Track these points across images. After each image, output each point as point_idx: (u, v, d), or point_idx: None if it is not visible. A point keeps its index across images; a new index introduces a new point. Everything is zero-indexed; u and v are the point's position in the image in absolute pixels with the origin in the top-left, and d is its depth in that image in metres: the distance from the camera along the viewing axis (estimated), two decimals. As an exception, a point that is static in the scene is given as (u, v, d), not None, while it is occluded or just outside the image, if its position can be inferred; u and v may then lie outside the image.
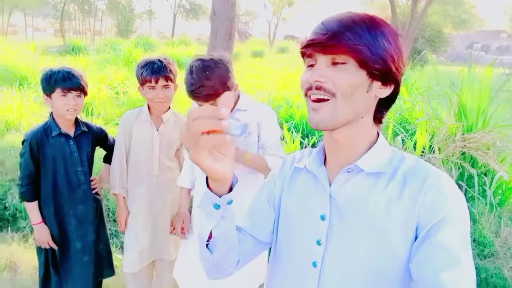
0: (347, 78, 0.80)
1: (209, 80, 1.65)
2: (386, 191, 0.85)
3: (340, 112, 0.81)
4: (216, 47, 4.06)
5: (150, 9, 42.25)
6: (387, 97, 0.86)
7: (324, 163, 0.95)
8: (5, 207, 3.66)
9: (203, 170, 0.74)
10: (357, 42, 0.78)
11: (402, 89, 5.41)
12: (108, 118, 5.77)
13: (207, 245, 0.91)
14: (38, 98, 5.87)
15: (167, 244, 2.24)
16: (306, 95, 0.85)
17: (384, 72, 0.82)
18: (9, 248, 3.03)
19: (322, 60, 0.81)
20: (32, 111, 5.49)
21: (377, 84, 0.83)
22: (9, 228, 3.38)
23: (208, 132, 0.65)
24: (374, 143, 0.90)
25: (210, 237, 0.90)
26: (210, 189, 0.82)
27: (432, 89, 6.33)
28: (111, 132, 2.24)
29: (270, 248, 1.07)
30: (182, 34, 31.21)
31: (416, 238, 0.81)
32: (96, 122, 5.16)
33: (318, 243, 0.90)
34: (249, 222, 1.05)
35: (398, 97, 0.92)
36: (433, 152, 3.87)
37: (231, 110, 1.89)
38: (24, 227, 3.41)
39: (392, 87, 0.85)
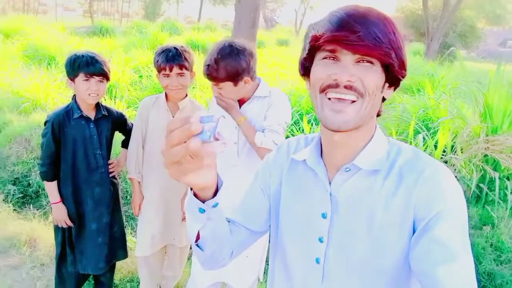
0: (375, 79, 0.80)
1: (220, 63, 1.75)
2: (383, 187, 0.85)
3: (363, 114, 0.81)
4: (240, 35, 4.05)
5: (178, -7, 42.39)
6: None
7: (322, 155, 0.95)
8: (29, 184, 3.79)
9: (191, 185, 0.75)
10: (388, 46, 0.77)
11: (426, 85, 5.27)
12: (130, 102, 5.83)
13: (197, 244, 0.92)
14: (64, 78, 5.97)
15: (179, 230, 2.29)
16: (323, 91, 0.81)
17: (400, 75, 0.83)
18: (29, 224, 3.13)
19: (348, 58, 0.79)
20: (58, 91, 5.60)
21: (386, 85, 0.84)
22: (31, 205, 3.49)
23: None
24: (372, 138, 0.89)
25: (198, 237, 0.91)
26: (194, 194, 0.82)
27: (459, 87, 6.17)
28: (133, 116, 2.28)
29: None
30: (208, 20, 31.16)
31: (414, 231, 0.81)
32: (118, 105, 5.24)
33: (320, 240, 0.91)
34: (243, 214, 1.05)
35: (422, 93, 0.91)
36: (455, 153, 3.79)
37: (250, 97, 1.93)
38: (45, 205, 3.52)
39: (394, 87, 0.86)
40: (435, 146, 4.02)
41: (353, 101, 0.79)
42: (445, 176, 0.81)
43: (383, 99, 0.87)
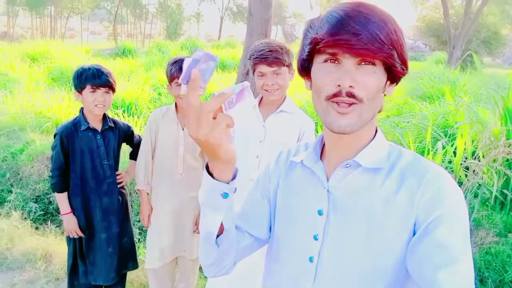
0: (376, 82, 0.79)
1: (284, 48, 1.83)
2: (383, 186, 0.83)
3: (365, 116, 0.80)
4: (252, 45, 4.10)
5: (198, 12, 43.26)
6: None
7: (321, 157, 0.94)
8: (50, 202, 3.88)
9: (216, 152, 0.76)
10: (390, 47, 0.76)
11: (446, 92, 5.17)
12: (149, 118, 5.95)
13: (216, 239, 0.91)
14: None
15: (189, 242, 2.27)
16: (329, 100, 0.79)
17: (402, 74, 0.82)
18: (46, 239, 3.20)
19: (350, 61, 0.77)
20: (79, 110, 5.76)
21: (387, 83, 0.83)
22: (49, 222, 3.57)
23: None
24: (373, 137, 0.88)
25: (221, 231, 0.90)
26: (215, 179, 0.82)
27: (479, 92, 6.03)
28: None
29: None
30: (229, 37, 31.69)
31: (414, 233, 0.79)
32: (137, 121, 5.35)
33: (315, 238, 0.89)
34: (245, 219, 1.03)
35: (441, 100, 0.90)
36: (475, 158, 3.67)
37: (275, 110, 1.95)
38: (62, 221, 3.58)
39: (395, 84, 0.85)
40: (455, 153, 3.92)
41: (354, 104, 0.78)
42: (446, 180, 0.80)
43: (384, 95, 0.86)
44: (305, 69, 0.87)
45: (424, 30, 23.13)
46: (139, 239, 3.15)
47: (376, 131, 0.90)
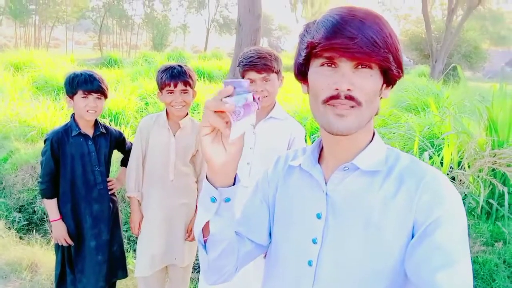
0: (373, 85, 0.79)
1: (273, 55, 1.84)
2: (382, 189, 0.83)
3: (363, 118, 0.81)
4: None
5: (184, 23, 43.36)
6: None
7: (319, 161, 0.94)
8: (34, 211, 3.80)
9: (204, 155, 0.78)
10: (386, 50, 0.76)
11: (431, 103, 5.27)
12: (136, 127, 5.90)
13: (204, 244, 0.90)
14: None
15: (180, 250, 2.24)
16: (326, 102, 0.80)
17: (397, 77, 0.83)
18: (31, 249, 3.13)
19: (347, 65, 0.77)
20: (65, 119, 5.68)
21: (383, 86, 0.84)
22: (34, 231, 3.48)
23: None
24: (371, 141, 0.89)
25: (208, 234, 0.89)
26: (207, 179, 0.82)
27: (463, 104, 6.15)
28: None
29: None
30: (215, 48, 31.79)
31: (412, 235, 0.79)
32: (124, 131, 5.29)
33: (314, 241, 0.88)
34: (245, 225, 1.03)
35: (427, 111, 0.92)
36: (462, 168, 3.73)
37: (265, 117, 1.94)
38: (48, 231, 3.51)
39: (391, 87, 0.86)
40: (442, 163, 3.98)
41: (353, 107, 0.79)
42: (444, 182, 0.81)
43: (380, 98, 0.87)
44: (301, 73, 0.88)
45: (407, 44, 23.59)
46: (127, 248, 3.09)
47: (373, 134, 0.90)
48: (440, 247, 0.73)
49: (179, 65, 2.12)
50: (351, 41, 0.74)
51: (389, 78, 0.82)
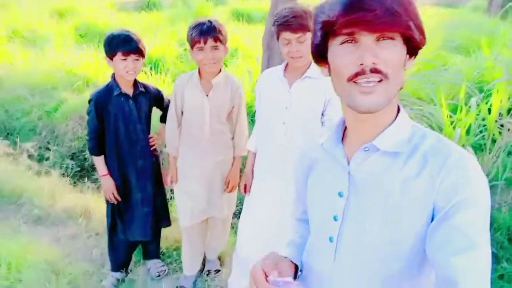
0: (398, 56, 0.78)
1: (307, 13, 1.77)
2: (404, 169, 0.83)
3: (391, 93, 0.80)
4: (279, 2, 3.96)
5: (223, -39, 41.68)
6: None
7: (343, 139, 0.94)
8: (85, 159, 4.02)
9: None
10: (406, 17, 0.74)
11: (483, 44, 4.92)
12: (176, 74, 5.94)
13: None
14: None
15: (219, 203, 2.34)
16: (351, 80, 0.78)
17: (421, 44, 0.80)
18: (84, 197, 3.36)
19: (369, 38, 0.75)
20: (108, 68, 5.80)
21: (407, 57, 0.81)
22: (86, 178, 3.73)
23: None
24: (395, 119, 0.87)
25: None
26: None
27: (520, 44, 5.68)
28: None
29: None
30: (254, -14, 30.56)
31: (433, 217, 0.79)
32: (164, 79, 5.37)
33: (335, 218, 0.91)
34: (302, 210, 1.12)
35: (478, 53, 0.89)
36: (511, 116, 3.55)
37: (301, 76, 1.92)
38: (99, 179, 3.73)
39: (414, 57, 0.83)
40: (490, 110, 3.78)
41: (380, 81, 0.77)
42: (470, 164, 0.79)
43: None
44: (321, 55, 0.85)
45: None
46: (171, 196, 3.26)
47: (398, 112, 0.88)
48: (460, 231, 0.73)
49: (209, 21, 2.08)
50: (371, 13, 0.72)
51: (413, 47, 0.80)
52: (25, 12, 9.52)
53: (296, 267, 1.01)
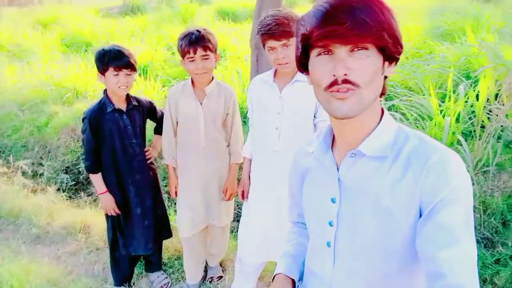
0: (371, 66, 0.81)
1: (291, 18, 1.77)
2: (389, 173, 0.87)
3: (365, 100, 0.83)
4: (264, 6, 3.96)
5: (204, -41, 41.40)
6: None
7: (333, 145, 0.98)
8: (79, 172, 4.02)
9: None
10: (378, 28, 0.77)
11: (468, 30, 4.95)
12: (165, 79, 5.93)
13: None
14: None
15: (218, 211, 2.37)
16: (327, 90, 0.82)
17: (397, 53, 0.84)
18: (82, 212, 3.37)
19: (342, 50, 0.79)
20: (96, 78, 5.75)
21: (386, 64, 0.85)
22: (82, 192, 3.73)
23: None
24: (379, 123, 0.90)
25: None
26: None
27: (504, 29, 5.73)
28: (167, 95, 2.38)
29: None
30: (237, -17, 30.44)
31: (420, 216, 0.83)
32: (154, 85, 5.35)
33: (330, 224, 0.95)
34: (296, 213, 1.16)
35: (464, 38, 0.91)
36: (499, 102, 3.60)
37: (290, 81, 1.93)
38: (95, 192, 3.73)
39: (394, 63, 0.87)
40: (478, 97, 3.83)
41: (352, 89, 0.80)
42: (452, 162, 0.82)
43: (386, 77, 0.88)
44: (303, 65, 0.90)
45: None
46: (169, 206, 3.27)
47: (382, 115, 0.91)
48: (444, 227, 0.77)
49: (197, 30, 2.08)
50: (342, 26, 0.76)
51: (389, 55, 0.83)
52: (7, 26, 9.41)
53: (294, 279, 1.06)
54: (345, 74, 0.79)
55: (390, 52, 0.82)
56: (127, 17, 13.52)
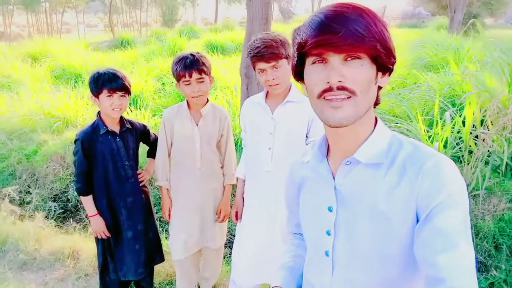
0: (365, 75, 0.82)
1: (279, 41, 1.82)
2: (385, 179, 0.87)
3: (360, 108, 0.84)
4: (254, 33, 4.07)
5: (193, -4, 42.55)
6: None
7: (328, 154, 0.99)
8: (68, 200, 3.97)
9: None
10: (371, 38, 0.79)
11: (450, 60, 5.14)
12: (156, 110, 5.98)
13: None
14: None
15: (212, 233, 2.34)
16: (321, 97, 0.84)
17: (390, 63, 0.86)
18: (71, 237, 3.29)
19: (336, 58, 0.81)
20: (86, 107, 5.79)
21: (379, 74, 0.87)
22: (71, 219, 3.66)
23: None
24: (373, 131, 0.92)
25: None
26: None
27: (485, 58, 5.96)
28: (158, 123, 2.37)
29: None
30: (225, 19, 31.26)
31: (417, 221, 0.84)
32: (144, 114, 5.39)
33: (328, 233, 0.95)
34: (294, 223, 1.16)
35: (447, 68, 0.93)
36: (484, 127, 3.69)
37: (282, 101, 1.96)
38: (84, 218, 3.69)
39: (388, 74, 0.89)
40: (464, 123, 3.92)
41: (348, 97, 0.82)
42: (446, 167, 0.83)
43: (380, 88, 0.90)
44: (298, 74, 0.92)
45: (423, -4, 22.73)
46: (160, 230, 3.22)
47: (376, 123, 0.93)
48: (441, 231, 0.77)
49: (191, 54, 2.13)
50: (336, 35, 0.78)
51: (381, 65, 0.85)
52: (-3, 58, 9.45)
53: None
54: (340, 81, 0.81)
55: (383, 62, 0.84)
56: (117, 50, 13.73)
